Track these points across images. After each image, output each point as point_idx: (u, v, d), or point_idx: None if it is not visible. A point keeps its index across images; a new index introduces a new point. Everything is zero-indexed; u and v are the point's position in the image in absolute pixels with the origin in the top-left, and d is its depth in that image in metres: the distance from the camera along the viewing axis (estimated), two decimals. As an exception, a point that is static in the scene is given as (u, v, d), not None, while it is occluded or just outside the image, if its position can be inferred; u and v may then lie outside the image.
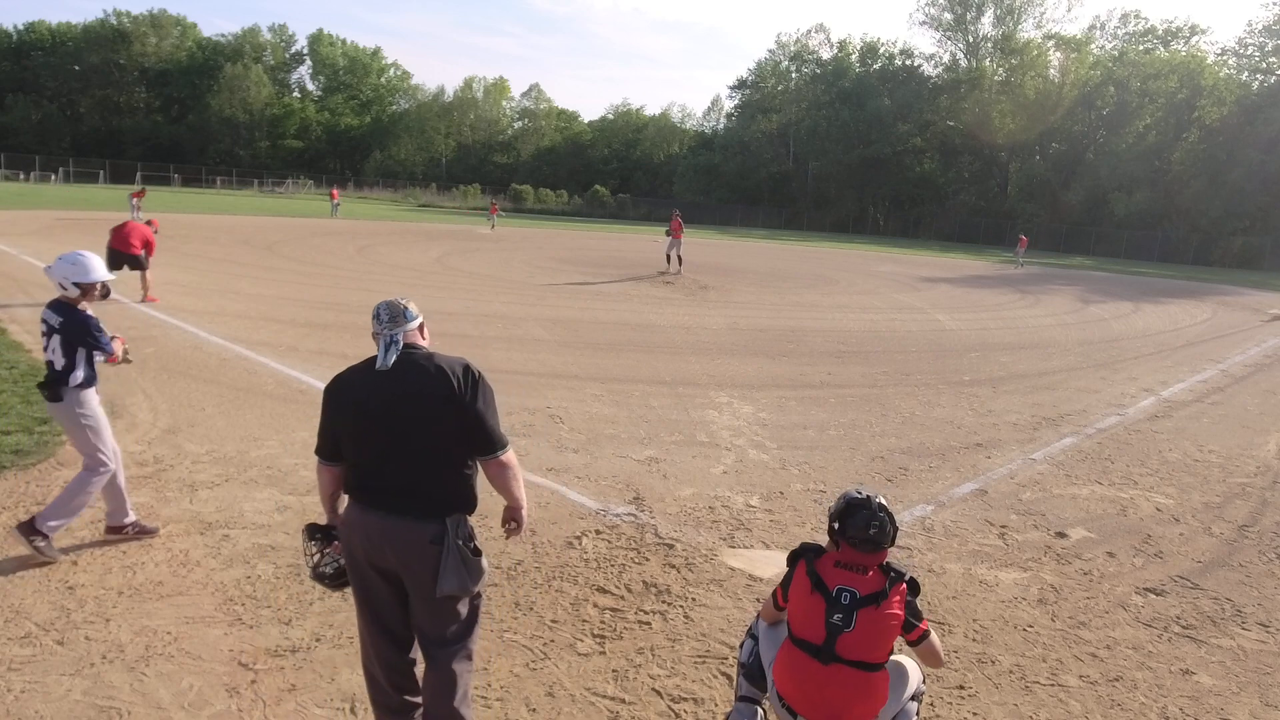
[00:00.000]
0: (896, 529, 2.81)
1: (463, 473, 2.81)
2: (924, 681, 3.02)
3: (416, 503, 2.74)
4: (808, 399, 9.20)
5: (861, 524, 2.74)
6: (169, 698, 3.26)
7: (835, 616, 2.68)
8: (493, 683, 3.49)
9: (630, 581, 4.51)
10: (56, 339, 4.28)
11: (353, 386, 2.83)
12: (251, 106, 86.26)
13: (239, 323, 11.55)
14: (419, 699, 2.91)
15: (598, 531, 5.14)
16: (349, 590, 2.96)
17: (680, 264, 23.00)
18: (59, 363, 4.30)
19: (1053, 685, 3.76)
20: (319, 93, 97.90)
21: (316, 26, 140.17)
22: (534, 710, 3.33)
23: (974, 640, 4.12)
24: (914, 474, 6.72)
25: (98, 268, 4.39)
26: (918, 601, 2.80)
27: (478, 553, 2.82)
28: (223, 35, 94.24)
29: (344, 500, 2.95)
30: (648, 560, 4.79)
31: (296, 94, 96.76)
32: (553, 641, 3.85)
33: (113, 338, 4.46)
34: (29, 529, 4.27)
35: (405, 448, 2.74)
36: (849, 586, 2.71)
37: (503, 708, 3.33)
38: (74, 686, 3.29)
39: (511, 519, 2.99)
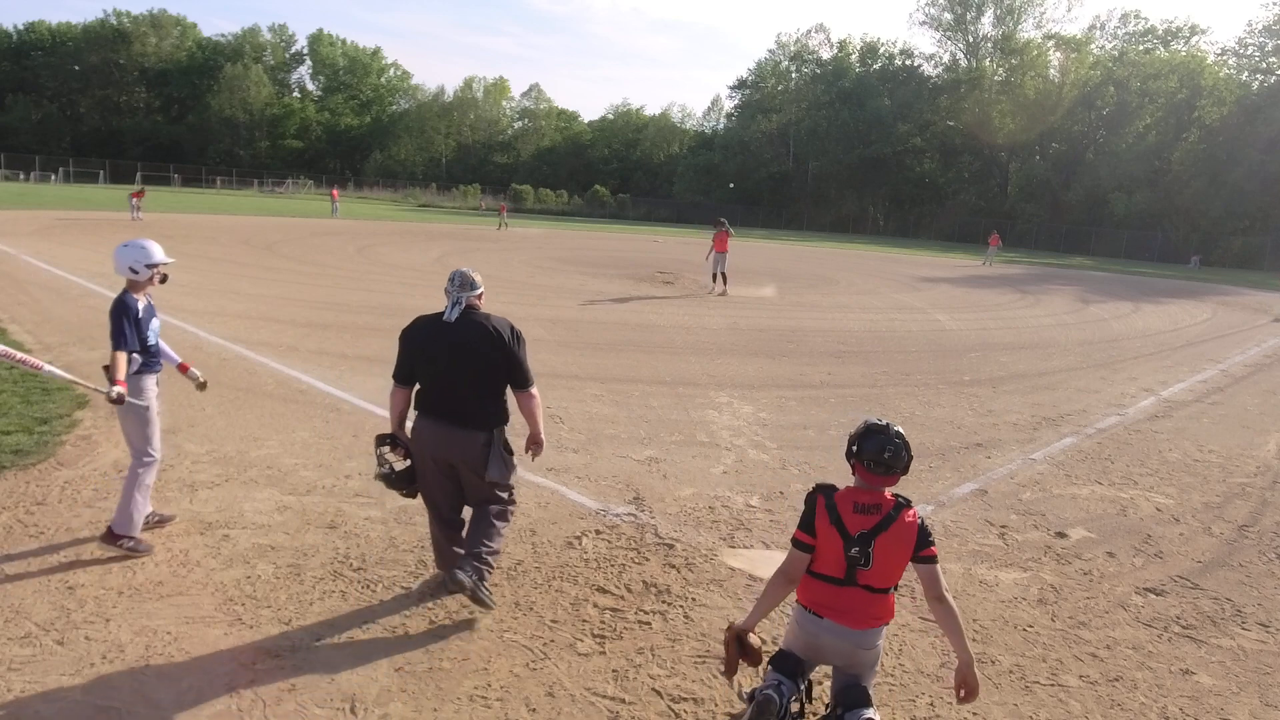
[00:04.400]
0: (911, 458, 3.01)
1: (501, 399, 3.98)
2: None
3: (472, 418, 3.89)
4: (808, 399, 9.20)
5: (877, 447, 2.94)
6: (169, 698, 3.26)
7: (853, 550, 2.91)
8: (493, 683, 3.49)
9: (630, 581, 4.51)
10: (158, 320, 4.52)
11: (426, 331, 3.91)
12: (251, 106, 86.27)
13: (239, 323, 11.55)
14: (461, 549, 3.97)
15: (598, 531, 5.13)
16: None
17: (725, 282, 19.24)
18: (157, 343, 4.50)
19: (1053, 685, 3.75)
20: (319, 93, 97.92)
21: (316, 26, 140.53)
22: (534, 710, 3.33)
23: (974, 640, 4.11)
24: (914, 474, 6.67)
25: (160, 251, 4.52)
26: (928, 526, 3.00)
27: (510, 452, 4.04)
28: (223, 35, 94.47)
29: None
30: (648, 560, 4.78)
31: (296, 94, 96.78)
32: (553, 641, 3.85)
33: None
34: (110, 537, 4.38)
35: (464, 379, 3.85)
36: (864, 528, 2.92)
37: (503, 708, 3.33)
38: (74, 686, 3.28)
39: (533, 443, 4.09)
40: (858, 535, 2.92)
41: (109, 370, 4.35)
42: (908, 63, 79.99)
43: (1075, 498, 6.37)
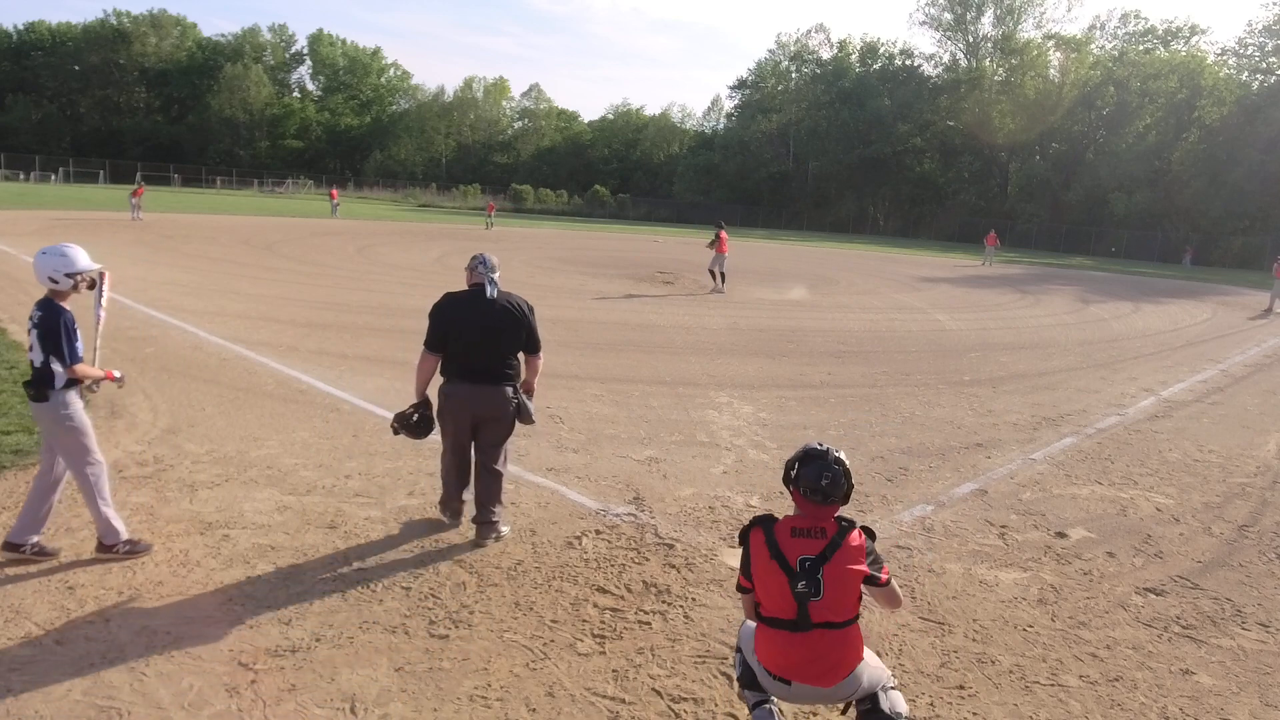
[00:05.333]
0: (851, 486, 2.85)
1: (517, 359, 4.87)
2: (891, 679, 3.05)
3: (498, 377, 4.74)
4: (808, 399, 9.20)
5: (814, 474, 2.79)
6: (169, 698, 3.26)
7: (800, 584, 2.73)
8: (493, 683, 3.49)
9: (630, 581, 4.51)
10: (35, 334, 4.14)
11: (459, 307, 4.69)
12: (251, 106, 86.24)
13: (239, 323, 11.55)
14: (468, 489, 4.91)
15: (598, 531, 5.14)
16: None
17: (723, 280, 19.83)
18: (38, 360, 4.14)
19: (1053, 685, 3.75)
20: (319, 93, 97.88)
21: (316, 26, 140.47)
22: (534, 710, 3.33)
23: (974, 640, 4.12)
24: (914, 474, 6.71)
25: (84, 258, 4.26)
26: (876, 548, 2.91)
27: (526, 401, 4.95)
28: (223, 35, 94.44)
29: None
30: (648, 560, 4.78)
31: (296, 94, 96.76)
32: (553, 641, 3.85)
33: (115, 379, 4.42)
34: (102, 549, 4.33)
35: (494, 347, 4.71)
36: (807, 555, 2.75)
37: (503, 708, 3.33)
38: (74, 686, 3.28)
39: (526, 388, 4.96)
40: (801, 564, 2.72)
41: (32, 387, 4.09)
42: (908, 63, 79.93)
43: (1075, 498, 6.37)
